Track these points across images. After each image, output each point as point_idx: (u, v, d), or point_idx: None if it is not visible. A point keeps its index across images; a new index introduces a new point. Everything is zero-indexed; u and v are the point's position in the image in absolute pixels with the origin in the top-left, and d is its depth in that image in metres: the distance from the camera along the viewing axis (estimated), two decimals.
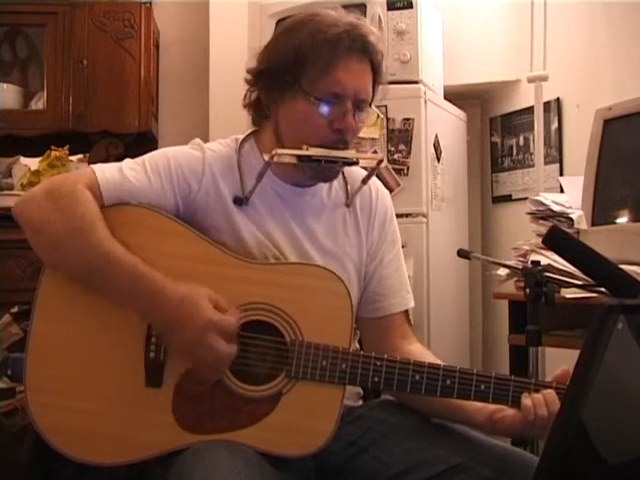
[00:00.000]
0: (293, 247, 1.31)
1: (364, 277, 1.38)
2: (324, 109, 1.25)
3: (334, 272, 1.25)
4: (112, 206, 1.22)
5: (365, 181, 1.37)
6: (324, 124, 1.26)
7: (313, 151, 1.24)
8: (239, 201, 1.29)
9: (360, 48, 1.26)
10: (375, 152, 2.59)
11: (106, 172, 1.23)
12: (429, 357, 1.32)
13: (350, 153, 1.28)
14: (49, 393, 1.18)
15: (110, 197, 1.22)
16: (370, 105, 1.32)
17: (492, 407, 1.21)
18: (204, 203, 1.28)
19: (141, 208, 1.23)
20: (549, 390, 1.17)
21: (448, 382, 1.19)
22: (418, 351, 1.35)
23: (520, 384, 1.19)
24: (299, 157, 1.24)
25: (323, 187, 1.36)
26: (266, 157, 1.26)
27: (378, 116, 1.34)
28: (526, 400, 1.16)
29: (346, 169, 1.36)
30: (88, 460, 1.17)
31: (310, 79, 1.25)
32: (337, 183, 1.38)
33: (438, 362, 1.27)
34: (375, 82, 1.31)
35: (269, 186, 1.32)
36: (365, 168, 1.36)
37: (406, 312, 1.41)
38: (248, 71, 1.34)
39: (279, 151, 1.24)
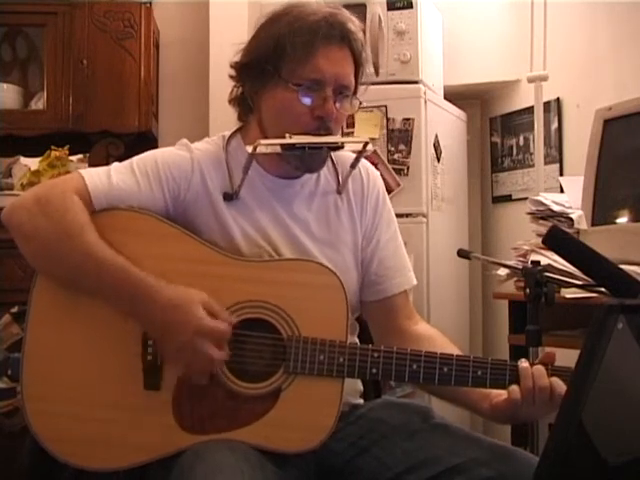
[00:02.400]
0: (286, 239, 1.31)
1: (362, 261, 1.38)
2: (304, 96, 1.25)
3: (327, 266, 1.25)
4: (102, 211, 1.22)
5: (354, 165, 1.37)
6: (305, 112, 1.26)
7: (296, 139, 1.24)
8: (228, 197, 1.29)
9: (339, 35, 1.27)
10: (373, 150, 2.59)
11: (95, 177, 1.23)
12: (437, 337, 1.35)
13: (334, 138, 1.28)
14: (46, 400, 1.18)
15: (100, 202, 1.22)
16: (355, 94, 1.31)
17: (495, 393, 1.22)
18: (193, 202, 1.28)
19: (131, 211, 1.23)
20: (538, 366, 1.18)
21: (445, 370, 1.20)
22: (426, 331, 1.37)
23: (516, 368, 1.19)
24: (283, 146, 1.24)
25: (312, 176, 1.36)
26: (249, 149, 1.25)
27: (361, 103, 1.33)
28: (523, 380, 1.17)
29: (335, 156, 1.36)
30: (88, 467, 1.17)
31: (290, 67, 1.26)
32: (327, 170, 1.38)
33: (446, 341, 1.31)
34: (357, 70, 1.31)
35: (258, 180, 1.32)
36: (355, 152, 1.35)
37: (406, 291, 1.41)
38: (231, 66, 1.35)
39: (262, 142, 1.24)
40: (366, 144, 1.31)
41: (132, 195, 1.24)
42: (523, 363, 1.19)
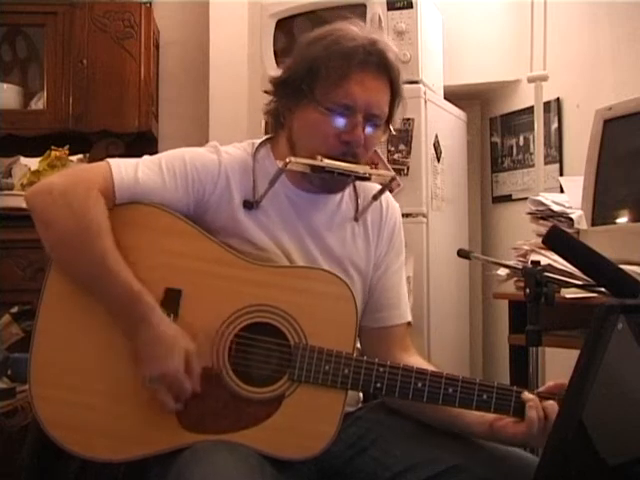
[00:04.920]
0: (301, 252, 1.31)
1: (369, 287, 1.38)
2: (334, 120, 1.26)
3: (340, 276, 1.25)
4: (123, 205, 1.23)
5: (376, 197, 1.37)
6: (333, 134, 1.26)
7: (326, 162, 1.24)
8: (249, 205, 1.29)
9: (376, 63, 1.26)
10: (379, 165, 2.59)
11: (122, 170, 1.24)
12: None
13: (363, 168, 1.28)
14: (52, 386, 1.19)
15: (123, 196, 1.23)
16: (388, 123, 1.32)
17: (492, 416, 1.21)
18: (216, 206, 1.29)
19: (151, 207, 1.24)
20: (551, 401, 1.17)
21: (450, 390, 1.19)
22: (417, 363, 1.35)
23: (520, 396, 1.18)
24: (313, 167, 1.25)
25: (335, 196, 1.36)
26: (280, 164, 1.26)
27: (392, 132, 1.35)
28: (531, 412, 1.15)
29: (358, 183, 1.36)
30: (87, 455, 1.18)
31: (323, 89, 1.26)
32: (348, 195, 1.38)
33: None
34: (393, 100, 1.31)
35: (281, 191, 1.32)
36: (382, 185, 1.35)
37: (409, 324, 1.41)
38: (270, 81, 1.36)
39: (293, 159, 1.25)
40: (393, 179, 1.32)
41: (155, 192, 1.24)
42: (530, 398, 1.17)
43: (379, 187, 1.37)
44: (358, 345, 1.38)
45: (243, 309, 1.21)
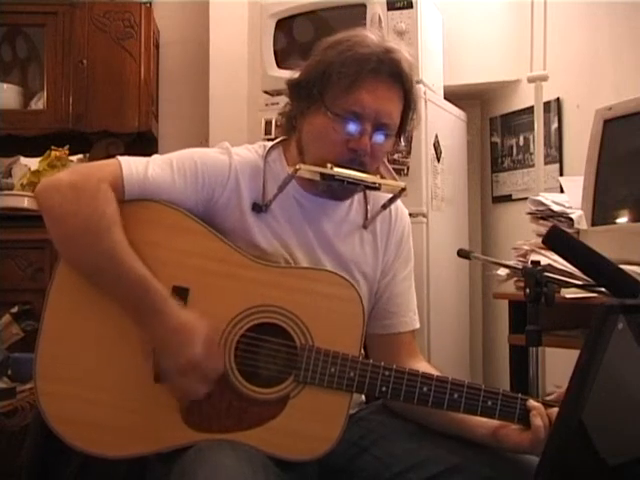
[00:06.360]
0: (308, 257, 1.30)
1: (375, 293, 1.38)
2: (341, 126, 1.25)
3: (348, 279, 1.25)
4: (132, 201, 1.22)
5: (385, 206, 1.37)
6: (339, 141, 1.25)
7: (336, 171, 1.24)
8: (257, 208, 1.29)
9: (388, 72, 1.25)
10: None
11: (132, 167, 1.23)
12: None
13: (373, 178, 1.27)
14: (58, 381, 1.19)
15: (132, 193, 1.22)
16: (399, 134, 1.31)
17: (495, 422, 1.20)
18: (224, 208, 1.28)
19: (160, 204, 1.24)
20: (556, 409, 1.15)
21: (455, 396, 1.19)
22: (425, 369, 1.35)
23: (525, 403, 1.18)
24: (323, 175, 1.24)
25: (345, 202, 1.36)
26: (289, 170, 1.26)
27: (402, 144, 1.34)
28: (536, 420, 1.15)
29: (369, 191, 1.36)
30: (92, 451, 1.17)
31: (333, 95, 1.25)
32: (357, 202, 1.38)
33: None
34: (405, 110, 1.30)
35: (291, 193, 1.31)
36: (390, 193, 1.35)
37: (412, 330, 1.41)
38: (285, 83, 1.35)
39: (303, 166, 1.24)
40: (403, 190, 1.31)
41: (164, 190, 1.24)
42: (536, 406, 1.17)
43: (389, 195, 1.36)
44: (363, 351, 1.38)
45: (250, 309, 1.21)
